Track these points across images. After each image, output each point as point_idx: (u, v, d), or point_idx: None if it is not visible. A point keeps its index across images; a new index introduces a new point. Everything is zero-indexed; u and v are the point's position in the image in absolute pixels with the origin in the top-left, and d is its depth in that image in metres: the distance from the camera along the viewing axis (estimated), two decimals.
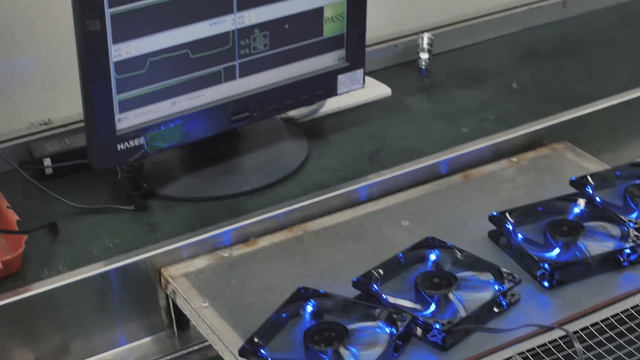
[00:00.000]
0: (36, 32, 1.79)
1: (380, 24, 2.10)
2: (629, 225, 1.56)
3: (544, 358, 1.39)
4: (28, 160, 1.79)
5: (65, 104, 1.86)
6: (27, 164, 1.78)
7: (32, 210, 1.68)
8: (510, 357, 1.39)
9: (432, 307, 1.43)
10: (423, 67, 2.12)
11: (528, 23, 2.31)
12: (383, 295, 1.45)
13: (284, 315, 1.42)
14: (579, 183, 1.67)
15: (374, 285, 1.46)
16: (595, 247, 1.53)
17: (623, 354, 1.40)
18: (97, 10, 1.52)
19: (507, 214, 1.59)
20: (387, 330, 1.38)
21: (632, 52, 2.22)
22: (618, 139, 1.98)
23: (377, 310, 1.41)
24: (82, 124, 1.78)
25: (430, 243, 1.54)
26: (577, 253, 1.52)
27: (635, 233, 1.54)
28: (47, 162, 1.77)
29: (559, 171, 1.78)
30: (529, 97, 2.03)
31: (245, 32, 1.69)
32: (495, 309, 1.45)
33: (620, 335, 1.44)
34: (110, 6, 1.53)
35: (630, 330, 1.45)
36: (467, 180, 1.77)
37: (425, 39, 2.12)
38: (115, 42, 1.56)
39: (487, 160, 1.82)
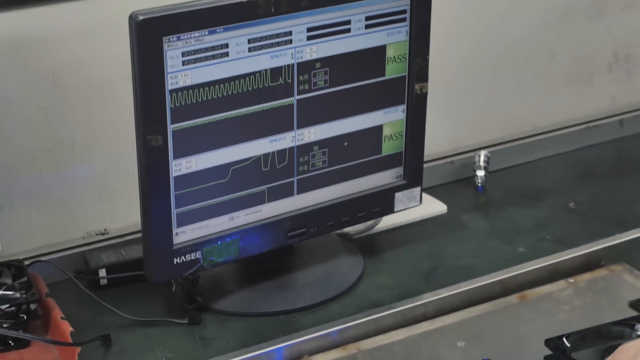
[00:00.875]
0: (96, 143, 1.81)
1: (437, 140, 2.11)
2: None
3: None
4: (83, 270, 1.79)
5: (122, 214, 1.88)
6: (82, 274, 1.79)
7: (85, 320, 1.69)
8: None
9: None
10: (479, 185, 2.11)
11: (585, 142, 2.31)
12: None
13: None
14: (638, 306, 1.64)
15: None
16: None
17: None
18: (160, 126, 1.54)
19: (564, 339, 1.56)
20: None
21: None
22: None
23: None
24: (138, 235, 1.80)
25: None
26: None
27: None
28: (102, 272, 1.77)
29: (616, 293, 1.76)
30: (586, 217, 2.02)
31: (305, 149, 1.70)
32: None
33: None
34: (173, 122, 1.55)
35: None
36: (524, 301, 1.74)
37: (482, 156, 2.12)
38: (176, 157, 1.58)
39: (544, 281, 1.80)
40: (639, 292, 1.75)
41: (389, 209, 1.83)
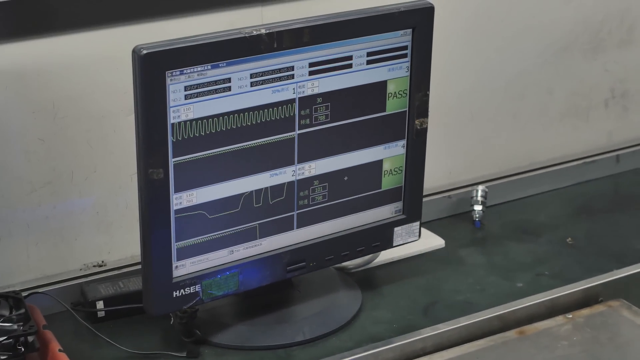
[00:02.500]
0: (95, 175, 1.81)
1: (434, 175, 2.11)
2: None
3: None
4: (81, 302, 1.79)
5: (120, 246, 1.87)
6: (79, 305, 1.78)
7: (83, 353, 1.68)
8: None
9: None
10: (477, 219, 2.12)
11: (582, 177, 2.31)
12: None
13: None
14: None
15: None
16: None
17: None
18: (161, 160, 1.54)
19: None
20: None
21: None
22: None
23: None
24: (136, 267, 1.80)
25: None
26: None
27: None
28: (100, 304, 1.77)
29: (614, 329, 1.76)
30: (584, 252, 2.02)
31: (305, 183, 1.70)
32: None
33: None
34: (174, 156, 1.55)
35: None
36: (522, 336, 1.74)
37: (480, 191, 2.12)
38: (177, 190, 1.58)
39: (543, 316, 1.80)
40: (636, 328, 1.75)
41: (388, 244, 1.83)
